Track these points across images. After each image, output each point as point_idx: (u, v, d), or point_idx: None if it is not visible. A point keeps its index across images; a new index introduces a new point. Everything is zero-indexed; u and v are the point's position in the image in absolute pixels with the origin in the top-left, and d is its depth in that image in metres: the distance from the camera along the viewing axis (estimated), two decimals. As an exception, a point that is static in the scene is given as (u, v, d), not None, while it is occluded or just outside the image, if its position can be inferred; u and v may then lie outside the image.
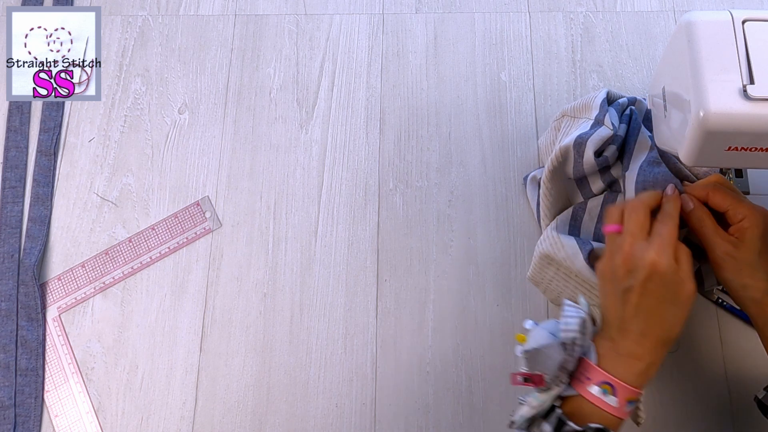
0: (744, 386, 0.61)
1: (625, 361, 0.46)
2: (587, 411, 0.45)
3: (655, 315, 0.46)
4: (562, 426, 0.44)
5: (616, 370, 0.45)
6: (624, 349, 0.46)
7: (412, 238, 0.68)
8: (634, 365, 0.46)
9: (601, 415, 0.45)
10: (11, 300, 0.66)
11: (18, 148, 0.73)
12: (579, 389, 0.46)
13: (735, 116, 0.42)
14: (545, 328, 0.47)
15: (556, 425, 0.44)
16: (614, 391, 0.45)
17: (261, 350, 0.65)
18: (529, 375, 0.45)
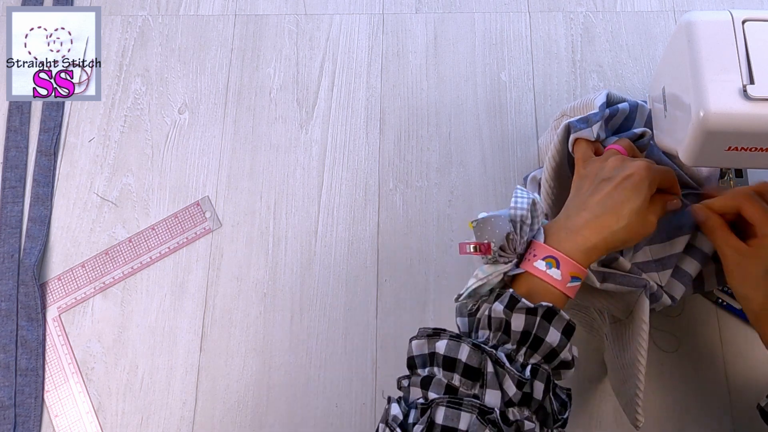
0: (744, 386, 0.61)
1: (571, 236, 0.47)
2: (535, 289, 0.46)
3: (616, 206, 0.47)
4: (515, 303, 0.44)
5: (561, 245, 0.47)
6: (574, 226, 0.47)
7: (412, 238, 0.68)
8: (579, 241, 0.47)
9: (548, 290, 0.46)
10: (11, 300, 0.66)
11: (18, 148, 0.73)
12: (525, 266, 0.47)
13: (735, 116, 0.42)
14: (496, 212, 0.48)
15: (507, 303, 0.44)
16: (558, 264, 0.46)
17: (261, 350, 0.65)
18: (477, 244, 0.46)
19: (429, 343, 0.46)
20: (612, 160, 0.50)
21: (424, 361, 0.46)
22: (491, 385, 0.42)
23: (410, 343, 0.47)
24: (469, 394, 0.43)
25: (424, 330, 0.46)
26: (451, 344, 0.44)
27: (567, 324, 0.45)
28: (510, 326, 0.44)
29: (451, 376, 0.44)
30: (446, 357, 0.44)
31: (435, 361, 0.45)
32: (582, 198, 0.50)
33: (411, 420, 0.42)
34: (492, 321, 0.45)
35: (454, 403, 0.42)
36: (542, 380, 0.43)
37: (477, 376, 0.43)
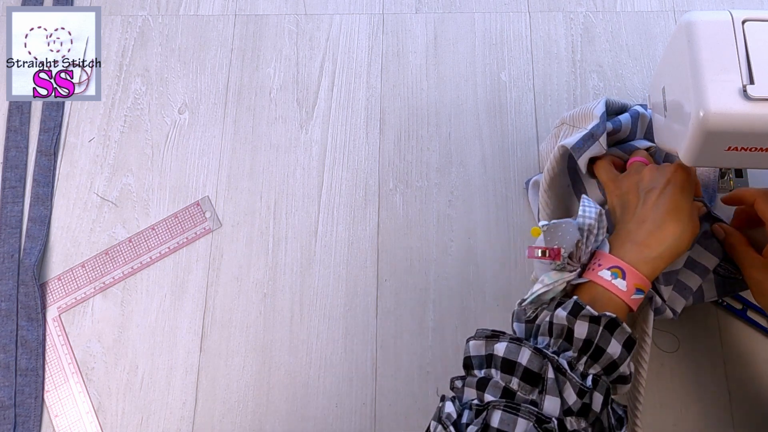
0: (744, 386, 0.61)
1: (637, 248, 0.47)
2: (598, 298, 0.46)
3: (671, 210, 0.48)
4: (579, 311, 0.44)
5: (626, 256, 0.47)
6: (637, 237, 0.48)
7: (412, 238, 0.68)
8: (644, 252, 0.47)
9: (612, 300, 0.46)
10: (11, 300, 0.66)
11: (18, 148, 0.73)
12: (590, 276, 0.47)
13: (735, 116, 0.42)
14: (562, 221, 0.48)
15: (571, 310, 0.44)
16: (623, 275, 0.46)
17: (261, 350, 0.65)
18: (547, 249, 0.46)
19: (487, 345, 0.45)
20: (648, 171, 0.51)
21: (481, 363, 0.45)
22: (551, 391, 0.42)
23: (467, 343, 0.47)
24: (526, 399, 0.42)
25: (483, 331, 0.46)
26: (511, 347, 0.44)
27: (629, 337, 0.45)
28: (572, 333, 0.44)
29: (509, 379, 0.43)
30: (505, 359, 0.43)
31: (493, 363, 0.44)
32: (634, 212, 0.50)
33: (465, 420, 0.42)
34: (554, 327, 0.45)
35: (511, 408, 0.41)
36: (602, 392, 0.43)
37: (536, 382, 0.42)
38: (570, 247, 0.46)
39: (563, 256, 0.46)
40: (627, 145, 0.59)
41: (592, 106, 0.59)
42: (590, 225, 0.47)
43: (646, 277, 0.47)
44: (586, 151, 0.56)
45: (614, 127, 0.57)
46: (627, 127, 0.58)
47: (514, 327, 0.49)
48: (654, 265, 0.47)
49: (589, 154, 0.56)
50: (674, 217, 0.48)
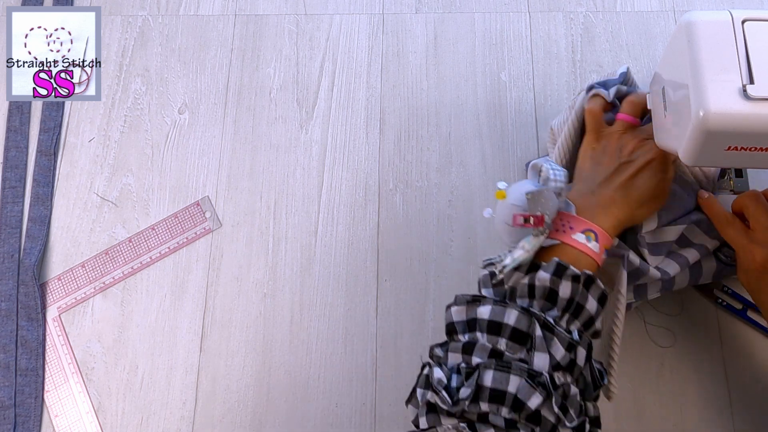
0: (744, 386, 0.61)
1: (603, 212, 0.49)
2: (573, 258, 0.47)
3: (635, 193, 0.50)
4: (564, 271, 0.45)
5: (595, 219, 0.49)
6: (602, 201, 0.50)
7: (412, 238, 0.68)
8: (610, 217, 0.49)
9: (586, 261, 0.48)
10: (11, 300, 0.66)
11: (18, 148, 0.73)
12: (562, 238, 0.48)
13: (735, 116, 0.42)
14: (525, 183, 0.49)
15: (555, 271, 0.45)
16: (596, 238, 0.48)
17: (261, 350, 0.65)
18: (531, 216, 0.46)
19: (469, 309, 0.46)
20: (631, 141, 0.52)
21: (464, 328, 0.46)
22: (539, 348, 0.43)
23: (448, 310, 0.47)
24: (515, 358, 0.43)
25: (463, 297, 0.47)
26: (496, 309, 0.44)
27: (602, 293, 0.47)
28: (556, 293, 0.45)
29: (496, 340, 0.44)
30: (491, 321, 0.44)
31: (478, 326, 0.45)
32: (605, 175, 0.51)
33: (454, 384, 0.42)
34: (536, 289, 0.46)
35: (502, 366, 0.42)
36: (584, 347, 0.44)
37: (524, 340, 0.43)
38: (553, 214, 0.47)
39: (547, 223, 0.46)
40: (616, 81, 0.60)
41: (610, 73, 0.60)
42: (561, 188, 0.48)
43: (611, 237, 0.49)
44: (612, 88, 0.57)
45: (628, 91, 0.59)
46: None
47: (483, 293, 0.49)
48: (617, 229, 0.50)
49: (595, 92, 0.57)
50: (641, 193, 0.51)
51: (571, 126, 0.60)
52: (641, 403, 0.61)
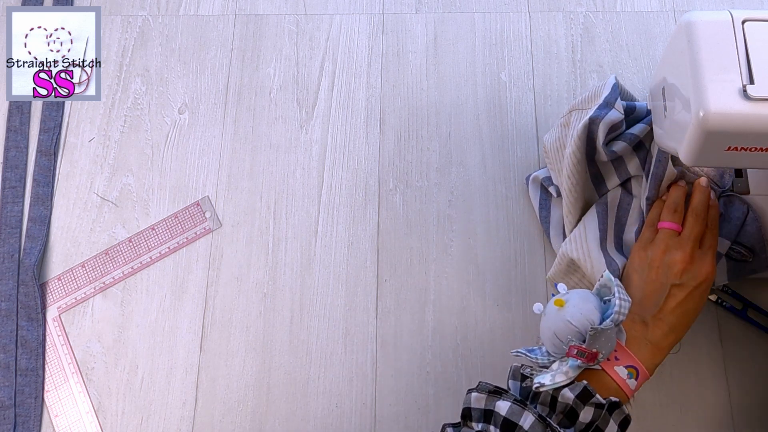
0: (744, 386, 0.61)
1: (651, 349, 0.48)
2: (606, 386, 0.47)
3: (688, 317, 0.50)
4: (589, 398, 0.45)
5: (641, 355, 0.48)
6: (653, 337, 0.49)
7: (412, 238, 0.68)
8: (656, 355, 0.48)
9: (617, 392, 0.47)
10: (11, 300, 0.66)
11: (18, 148, 0.73)
12: (605, 366, 0.47)
13: (735, 116, 0.42)
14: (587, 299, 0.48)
15: (580, 394, 0.45)
16: (637, 375, 0.47)
17: (261, 350, 0.65)
18: (586, 351, 0.46)
19: (488, 400, 0.46)
20: (680, 261, 0.50)
21: (479, 416, 0.46)
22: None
23: (468, 393, 0.47)
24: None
25: (486, 386, 0.47)
26: (515, 408, 0.44)
27: (625, 417, 0.46)
28: (575, 413, 0.45)
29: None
30: (507, 420, 0.44)
31: (493, 419, 0.45)
32: (654, 301, 0.50)
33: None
34: (557, 404, 0.45)
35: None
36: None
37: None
38: (607, 354, 0.46)
39: (598, 360, 0.46)
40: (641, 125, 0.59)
41: (599, 86, 0.59)
42: (622, 321, 0.47)
43: (650, 375, 0.49)
44: (604, 118, 0.55)
45: (629, 107, 0.58)
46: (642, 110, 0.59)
47: (509, 384, 0.49)
48: (658, 364, 0.49)
49: (607, 122, 0.55)
50: (689, 321, 0.50)
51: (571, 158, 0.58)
52: (641, 403, 0.61)
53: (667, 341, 0.49)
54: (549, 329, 0.48)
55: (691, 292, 0.50)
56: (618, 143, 0.58)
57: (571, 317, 0.47)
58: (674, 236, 0.53)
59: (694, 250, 0.51)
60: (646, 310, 0.50)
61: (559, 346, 0.47)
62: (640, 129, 0.58)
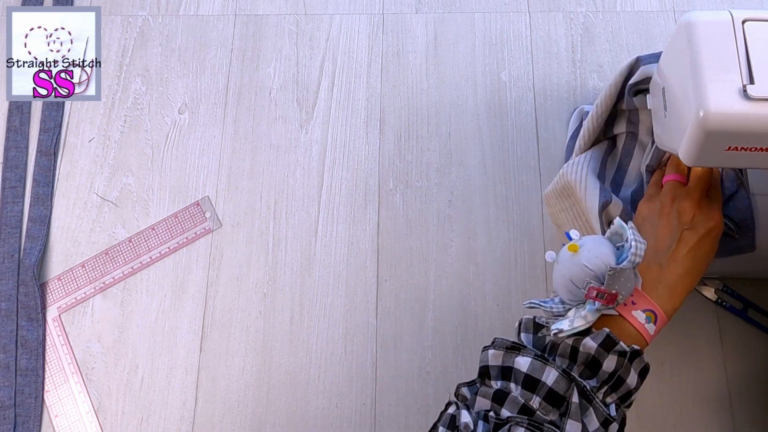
0: (744, 386, 0.61)
1: (668, 292, 0.47)
2: (625, 332, 0.45)
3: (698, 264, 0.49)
4: (612, 345, 0.43)
5: (658, 299, 0.47)
6: (669, 280, 0.48)
7: (412, 238, 0.68)
8: (674, 299, 0.47)
9: (637, 338, 0.46)
10: (11, 300, 0.66)
11: (18, 148, 0.73)
12: (622, 311, 0.46)
13: (735, 116, 0.42)
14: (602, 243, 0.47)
15: (603, 342, 0.43)
16: (655, 320, 0.46)
17: (261, 350, 0.65)
18: (606, 292, 0.44)
19: (506, 356, 0.45)
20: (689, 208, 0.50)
21: (498, 374, 0.45)
22: (574, 416, 0.41)
23: (485, 350, 0.46)
24: (547, 419, 0.42)
25: (503, 342, 0.45)
26: (536, 364, 0.43)
27: (644, 366, 0.45)
28: (598, 363, 0.44)
29: (530, 396, 0.42)
30: (528, 376, 0.43)
31: (513, 377, 0.44)
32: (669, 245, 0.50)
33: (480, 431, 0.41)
34: (578, 354, 0.44)
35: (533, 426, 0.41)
36: (619, 421, 0.43)
37: (559, 403, 0.42)
38: (627, 295, 0.45)
39: (617, 302, 0.45)
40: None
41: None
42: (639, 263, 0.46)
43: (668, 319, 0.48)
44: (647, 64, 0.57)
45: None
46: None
47: (522, 337, 0.48)
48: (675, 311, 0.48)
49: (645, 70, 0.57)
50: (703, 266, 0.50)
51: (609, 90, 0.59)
52: (641, 403, 0.61)
53: (683, 284, 0.48)
54: (564, 276, 0.47)
55: (702, 237, 0.49)
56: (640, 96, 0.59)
57: (587, 261, 0.45)
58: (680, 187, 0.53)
59: (701, 198, 0.51)
60: (659, 254, 0.50)
61: (575, 291, 0.46)
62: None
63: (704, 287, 0.64)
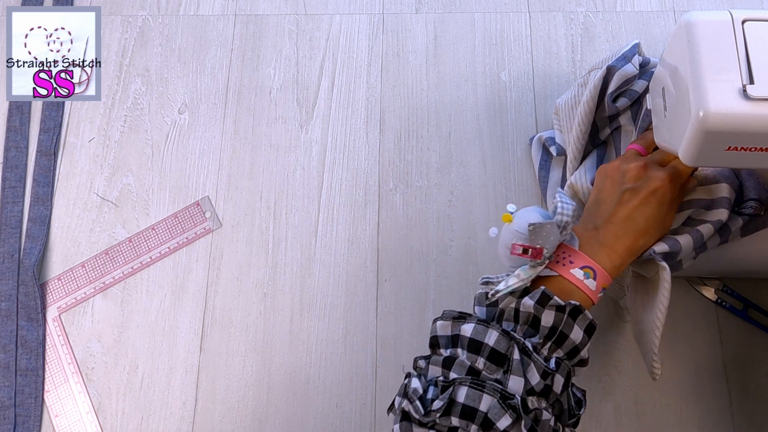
0: (744, 386, 0.61)
1: (605, 251, 0.49)
2: (566, 291, 0.47)
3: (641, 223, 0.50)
4: (547, 300, 0.45)
5: (596, 257, 0.48)
6: (606, 240, 0.49)
7: (412, 238, 0.68)
8: (612, 257, 0.49)
9: (579, 295, 0.47)
10: (11, 300, 0.66)
11: (18, 148, 0.73)
12: (561, 271, 0.48)
13: (735, 116, 0.42)
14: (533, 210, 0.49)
15: (539, 299, 0.45)
16: (594, 276, 0.48)
17: (261, 350, 0.65)
18: (530, 247, 0.46)
19: (453, 325, 0.47)
20: (634, 168, 0.51)
21: (447, 342, 0.47)
22: (515, 372, 0.43)
23: (434, 323, 0.48)
24: (491, 378, 0.44)
25: (450, 312, 0.48)
26: (479, 328, 0.45)
27: (590, 323, 0.47)
28: (538, 321, 0.46)
29: (475, 358, 0.44)
30: (472, 340, 0.45)
31: (460, 343, 0.46)
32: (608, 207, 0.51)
33: (430, 396, 0.43)
34: (520, 314, 0.46)
35: (476, 384, 0.43)
36: (563, 375, 0.45)
37: (501, 362, 0.44)
38: (552, 248, 0.47)
39: (545, 257, 0.47)
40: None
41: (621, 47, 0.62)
42: (566, 222, 0.48)
43: (612, 277, 0.49)
44: (620, 69, 0.59)
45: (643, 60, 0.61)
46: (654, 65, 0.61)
47: (476, 310, 0.50)
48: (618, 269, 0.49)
49: (622, 74, 0.59)
50: (644, 227, 0.50)
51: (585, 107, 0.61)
52: (641, 403, 0.61)
53: (621, 244, 0.49)
54: (502, 245, 0.49)
55: (645, 198, 0.50)
56: (621, 99, 0.61)
57: (518, 226, 0.48)
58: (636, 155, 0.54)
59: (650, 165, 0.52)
60: (598, 216, 0.51)
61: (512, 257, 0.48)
62: (641, 85, 0.61)
63: (704, 287, 0.64)
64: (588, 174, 0.62)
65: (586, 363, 0.48)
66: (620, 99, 0.61)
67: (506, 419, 0.41)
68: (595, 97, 0.60)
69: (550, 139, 0.68)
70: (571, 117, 0.64)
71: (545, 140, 0.68)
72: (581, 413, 0.47)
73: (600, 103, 0.62)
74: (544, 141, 0.68)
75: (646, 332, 0.54)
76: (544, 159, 0.68)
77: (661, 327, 0.52)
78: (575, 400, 0.47)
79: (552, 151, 0.67)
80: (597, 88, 0.60)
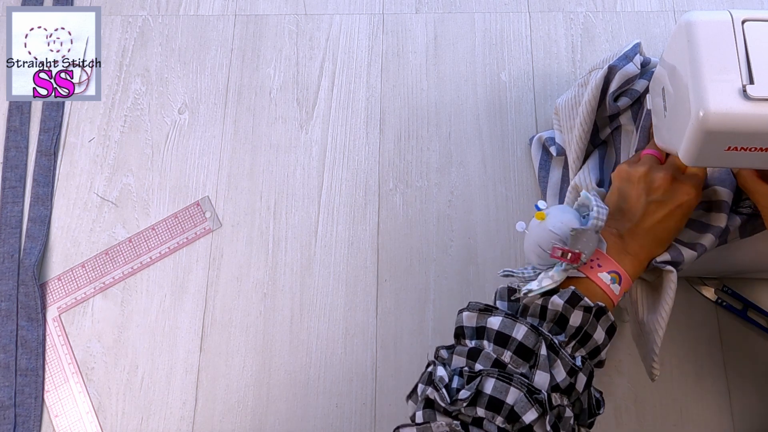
0: (744, 386, 0.61)
1: (630, 259, 0.50)
2: (592, 292, 0.48)
3: (665, 235, 0.51)
4: (577, 301, 0.46)
5: (624, 264, 0.50)
6: (631, 249, 0.51)
7: (412, 238, 0.68)
8: (635, 265, 0.50)
9: (603, 297, 0.48)
10: (11, 300, 0.66)
11: (18, 148, 0.73)
12: (589, 273, 0.49)
13: (735, 116, 0.42)
14: (567, 211, 0.50)
15: (569, 299, 0.46)
16: (620, 281, 0.49)
17: (261, 350, 0.65)
18: (569, 251, 0.47)
19: (480, 317, 0.47)
20: (662, 180, 0.51)
21: (472, 333, 0.47)
22: (542, 367, 0.44)
23: (460, 313, 0.49)
24: (517, 372, 0.44)
25: (476, 304, 0.48)
26: (507, 322, 0.46)
27: (611, 324, 0.47)
28: (565, 320, 0.46)
29: (501, 351, 0.45)
30: (500, 333, 0.45)
31: (486, 335, 0.46)
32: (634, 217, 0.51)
33: (455, 385, 0.44)
34: (547, 312, 0.47)
35: (504, 377, 0.43)
36: (586, 374, 0.45)
37: (528, 357, 0.44)
38: (590, 254, 0.47)
39: (582, 261, 0.47)
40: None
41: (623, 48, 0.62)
42: (601, 227, 0.48)
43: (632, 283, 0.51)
44: (621, 69, 0.59)
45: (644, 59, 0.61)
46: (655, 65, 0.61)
47: (498, 304, 0.50)
48: (637, 275, 0.51)
49: (624, 73, 0.59)
50: (668, 239, 0.52)
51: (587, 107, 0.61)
52: (641, 403, 0.61)
53: (645, 253, 0.51)
54: (533, 242, 0.50)
55: (671, 211, 0.51)
56: (622, 99, 0.61)
57: (553, 226, 0.48)
58: (657, 161, 0.54)
59: (676, 174, 0.52)
60: (622, 224, 0.52)
61: (543, 256, 0.49)
62: (642, 85, 0.61)
63: (704, 287, 0.64)
64: (592, 174, 0.62)
65: (603, 364, 0.49)
66: (621, 98, 0.62)
67: (532, 413, 0.41)
68: (597, 96, 0.61)
69: (550, 139, 0.68)
70: (572, 117, 0.65)
71: (545, 140, 0.68)
72: (600, 413, 0.47)
73: (601, 102, 0.62)
74: (544, 141, 0.68)
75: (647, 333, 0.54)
76: (544, 159, 0.69)
77: (665, 328, 0.53)
78: (594, 400, 0.47)
79: (552, 151, 0.67)
80: (599, 87, 0.60)
